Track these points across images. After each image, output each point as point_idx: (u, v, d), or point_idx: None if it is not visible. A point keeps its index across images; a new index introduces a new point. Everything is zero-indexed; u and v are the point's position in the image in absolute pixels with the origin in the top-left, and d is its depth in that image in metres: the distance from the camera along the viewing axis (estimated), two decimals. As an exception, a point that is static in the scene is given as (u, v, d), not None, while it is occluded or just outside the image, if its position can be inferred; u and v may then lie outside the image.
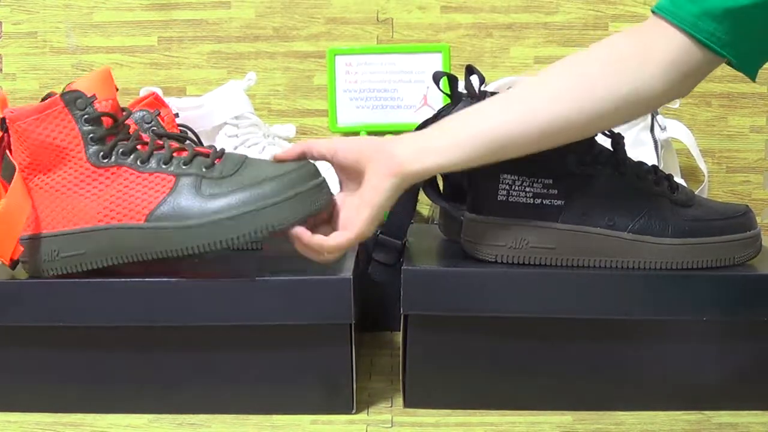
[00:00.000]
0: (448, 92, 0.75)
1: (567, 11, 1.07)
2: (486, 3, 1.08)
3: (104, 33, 1.10)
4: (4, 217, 0.66)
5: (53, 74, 1.11)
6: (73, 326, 0.68)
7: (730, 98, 1.07)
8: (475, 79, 0.73)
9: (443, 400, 0.71)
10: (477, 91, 0.71)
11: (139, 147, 0.69)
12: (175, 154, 0.68)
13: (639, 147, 0.92)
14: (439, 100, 1.02)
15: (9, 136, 0.69)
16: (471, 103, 0.70)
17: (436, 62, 1.03)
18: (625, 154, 0.70)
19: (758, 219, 0.72)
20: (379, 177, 0.64)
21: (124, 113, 0.70)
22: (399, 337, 0.71)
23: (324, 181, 0.68)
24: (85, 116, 0.67)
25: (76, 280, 0.69)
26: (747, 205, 0.73)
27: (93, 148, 0.67)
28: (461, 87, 0.74)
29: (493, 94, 0.69)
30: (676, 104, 0.99)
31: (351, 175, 0.67)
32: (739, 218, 0.70)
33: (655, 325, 0.69)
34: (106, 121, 0.68)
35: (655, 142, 0.94)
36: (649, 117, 0.93)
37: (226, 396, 0.70)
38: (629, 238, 0.68)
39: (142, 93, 0.95)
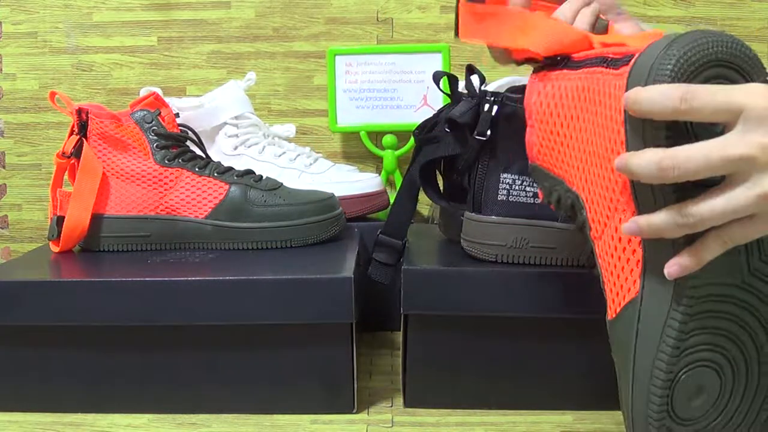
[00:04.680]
0: (448, 92, 0.75)
1: (567, 11, 1.07)
2: (486, 3, 1.08)
3: (104, 33, 1.10)
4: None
5: (53, 74, 1.11)
6: (73, 326, 0.69)
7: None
8: (475, 79, 0.73)
9: (443, 400, 0.71)
10: (477, 91, 0.71)
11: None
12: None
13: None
14: (439, 100, 1.02)
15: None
16: (471, 103, 0.70)
17: (436, 62, 1.03)
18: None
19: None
20: None
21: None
22: (399, 337, 0.71)
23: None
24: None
25: (76, 280, 0.69)
26: None
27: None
28: (461, 87, 0.74)
29: (493, 94, 0.69)
30: None
31: None
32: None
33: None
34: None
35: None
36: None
37: (226, 396, 0.70)
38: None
39: (142, 93, 0.95)
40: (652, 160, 0.45)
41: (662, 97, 0.44)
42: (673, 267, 0.47)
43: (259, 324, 0.68)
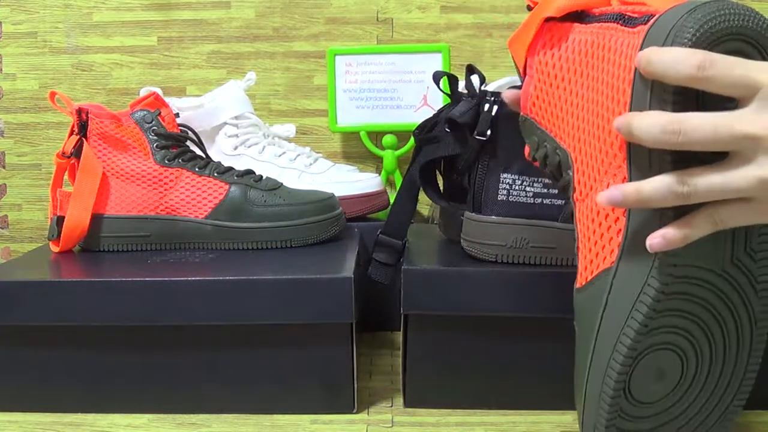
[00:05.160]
0: (448, 92, 0.75)
1: (567, 11, 1.07)
2: (486, 3, 1.08)
3: (104, 33, 1.10)
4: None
5: (53, 74, 1.11)
6: (73, 326, 0.68)
7: None
8: (475, 79, 0.73)
9: (443, 400, 0.71)
10: (477, 91, 0.71)
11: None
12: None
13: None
14: (439, 100, 1.02)
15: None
16: (471, 103, 0.70)
17: (436, 62, 1.03)
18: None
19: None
20: None
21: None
22: (399, 337, 0.71)
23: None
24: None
25: (76, 280, 0.69)
26: None
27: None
28: (461, 87, 0.74)
29: (493, 94, 0.69)
30: None
31: None
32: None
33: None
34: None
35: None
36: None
37: (226, 396, 0.70)
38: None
39: (142, 93, 0.95)
40: (657, 122, 0.43)
41: (679, 62, 0.42)
42: (656, 239, 0.45)
43: (259, 324, 0.67)
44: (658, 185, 0.44)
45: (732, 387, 0.50)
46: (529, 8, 0.59)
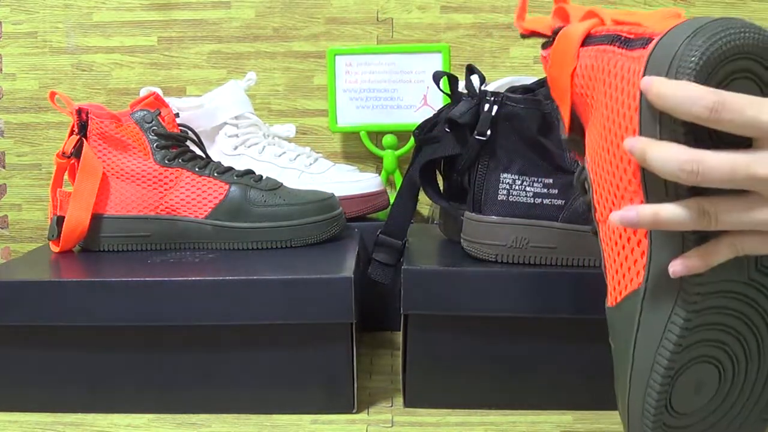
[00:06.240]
0: (449, 92, 0.75)
1: (567, 11, 1.07)
2: (486, 3, 1.08)
3: (104, 33, 1.10)
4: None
5: (53, 74, 1.11)
6: (73, 326, 0.68)
7: None
8: (475, 79, 0.73)
9: (443, 400, 0.71)
10: (477, 91, 0.71)
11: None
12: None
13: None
14: (439, 100, 1.02)
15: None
16: (471, 103, 0.70)
17: (436, 62, 1.03)
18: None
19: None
20: None
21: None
22: (399, 337, 0.71)
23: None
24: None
25: (76, 280, 0.69)
26: None
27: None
28: (461, 87, 0.74)
29: (493, 94, 0.69)
30: None
31: None
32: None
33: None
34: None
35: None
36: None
37: (226, 396, 0.70)
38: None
39: (142, 93, 0.95)
40: (674, 158, 0.43)
41: (690, 101, 0.42)
42: (678, 266, 0.45)
43: (259, 324, 0.67)
44: (677, 211, 0.44)
45: None
46: (524, 36, 0.59)
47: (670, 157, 0.43)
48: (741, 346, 0.49)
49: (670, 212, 0.44)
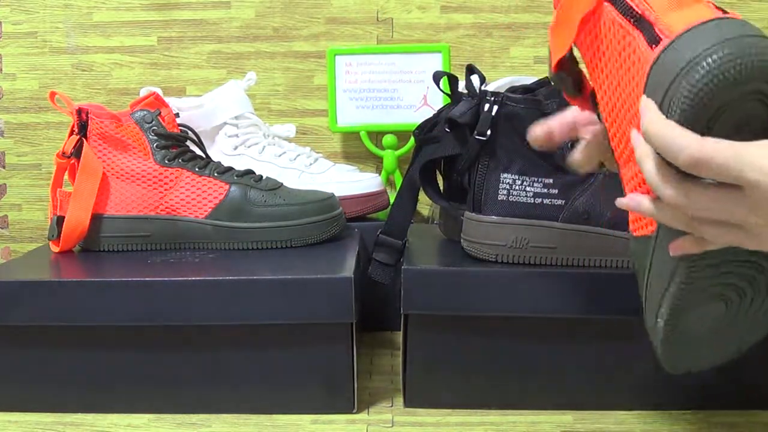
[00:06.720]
0: (448, 92, 0.75)
1: (567, 11, 1.07)
2: (486, 3, 1.08)
3: (104, 33, 1.10)
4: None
5: (53, 74, 1.11)
6: (73, 326, 0.68)
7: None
8: (475, 79, 0.73)
9: (443, 400, 0.71)
10: (477, 91, 0.71)
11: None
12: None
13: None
14: (439, 100, 1.02)
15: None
16: (471, 103, 0.70)
17: (436, 62, 1.03)
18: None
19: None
20: None
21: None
22: (399, 337, 0.71)
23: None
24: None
25: (76, 280, 0.69)
26: None
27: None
28: (461, 87, 0.74)
29: (493, 94, 0.69)
30: None
31: None
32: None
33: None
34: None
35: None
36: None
37: (226, 396, 0.70)
38: (631, 237, 0.68)
39: (142, 93, 0.95)
40: (669, 193, 0.45)
41: (677, 148, 0.43)
42: (676, 250, 0.48)
43: (259, 324, 0.67)
44: (675, 224, 0.47)
45: None
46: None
47: (667, 193, 0.45)
48: (748, 286, 0.52)
49: (668, 218, 0.47)
